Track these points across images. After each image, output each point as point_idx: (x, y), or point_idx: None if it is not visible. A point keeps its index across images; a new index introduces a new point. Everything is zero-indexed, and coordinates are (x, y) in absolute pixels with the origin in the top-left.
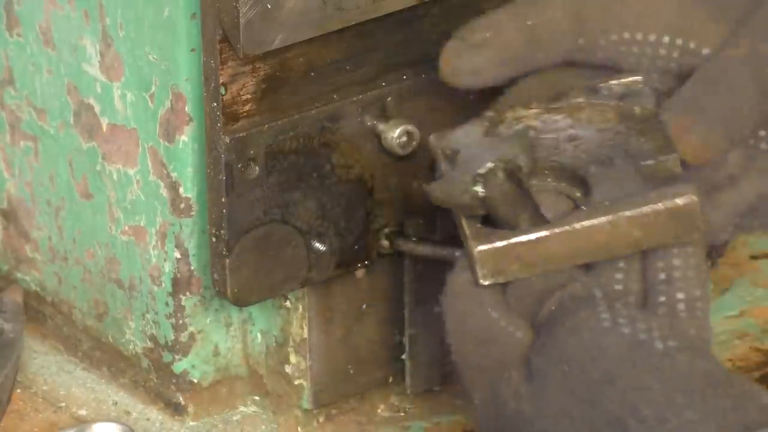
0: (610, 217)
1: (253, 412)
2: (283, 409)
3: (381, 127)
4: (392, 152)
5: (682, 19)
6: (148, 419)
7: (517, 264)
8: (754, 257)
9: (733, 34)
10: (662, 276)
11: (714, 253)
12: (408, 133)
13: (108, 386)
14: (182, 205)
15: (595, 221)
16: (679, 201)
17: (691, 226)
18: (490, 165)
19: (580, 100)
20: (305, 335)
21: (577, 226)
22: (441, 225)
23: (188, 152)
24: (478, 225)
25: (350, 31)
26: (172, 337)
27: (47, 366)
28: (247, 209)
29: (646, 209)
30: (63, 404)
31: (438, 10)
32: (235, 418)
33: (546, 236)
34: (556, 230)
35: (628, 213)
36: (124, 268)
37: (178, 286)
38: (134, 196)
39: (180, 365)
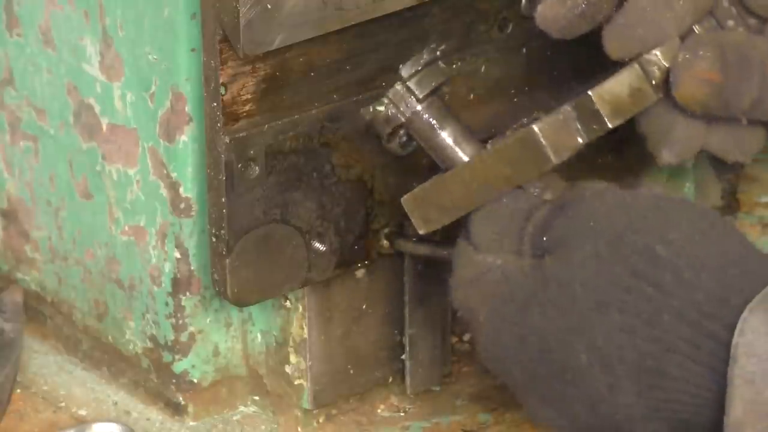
0: (480, 155)
1: (253, 412)
2: (283, 409)
3: None
4: (392, 152)
5: None
6: (148, 419)
7: (435, 209)
8: None
9: None
10: None
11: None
12: (408, 133)
13: (108, 386)
14: (182, 205)
15: (470, 162)
16: (520, 133)
17: (541, 155)
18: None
19: None
20: (305, 335)
21: (460, 168)
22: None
23: (188, 152)
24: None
25: (350, 31)
26: (172, 337)
27: (47, 366)
28: (247, 209)
29: (500, 143)
30: (63, 404)
31: (438, 10)
32: (235, 418)
33: (442, 180)
34: (449, 174)
35: (490, 148)
36: (124, 268)
37: (178, 286)
38: (134, 196)
39: (180, 365)
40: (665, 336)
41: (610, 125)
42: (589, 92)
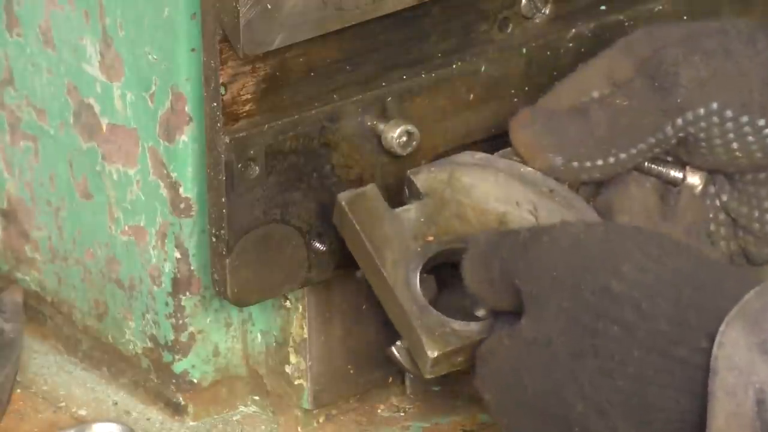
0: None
1: (253, 412)
2: (283, 409)
3: (381, 127)
4: (392, 152)
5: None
6: (148, 419)
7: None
8: None
9: None
10: None
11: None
12: (408, 133)
13: (108, 386)
14: (182, 205)
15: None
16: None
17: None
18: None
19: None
20: (305, 335)
21: None
22: None
23: (188, 152)
24: (426, 305)
25: (350, 31)
26: (172, 337)
27: (47, 366)
28: (247, 209)
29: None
30: (63, 404)
31: (438, 10)
32: (235, 418)
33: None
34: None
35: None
36: (124, 268)
37: (178, 286)
38: (134, 196)
39: (180, 365)
40: (640, 371)
41: None
42: None
